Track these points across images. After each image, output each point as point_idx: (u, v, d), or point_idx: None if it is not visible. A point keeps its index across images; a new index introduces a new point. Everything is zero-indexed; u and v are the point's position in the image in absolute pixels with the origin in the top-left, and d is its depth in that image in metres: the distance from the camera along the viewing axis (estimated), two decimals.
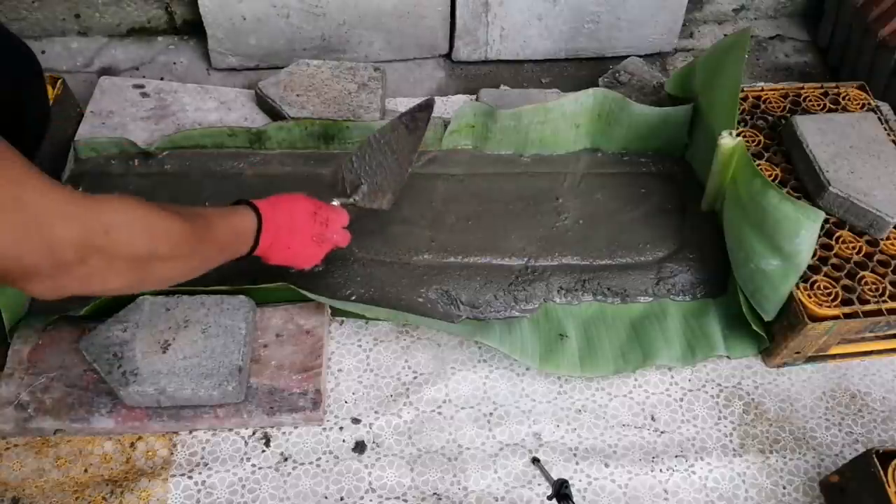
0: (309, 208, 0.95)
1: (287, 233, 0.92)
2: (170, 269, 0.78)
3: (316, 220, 0.95)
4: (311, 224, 0.94)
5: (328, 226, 0.97)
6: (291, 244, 0.93)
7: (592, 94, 1.21)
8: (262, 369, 0.99)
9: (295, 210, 0.93)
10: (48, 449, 0.95)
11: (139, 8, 1.44)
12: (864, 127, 1.09)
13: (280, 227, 0.91)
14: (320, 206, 0.97)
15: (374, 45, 1.43)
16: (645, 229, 1.17)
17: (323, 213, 0.96)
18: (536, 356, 1.02)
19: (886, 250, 1.03)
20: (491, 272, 1.11)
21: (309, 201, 0.96)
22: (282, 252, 0.93)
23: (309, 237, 0.95)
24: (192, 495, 0.92)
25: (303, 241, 0.94)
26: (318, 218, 0.95)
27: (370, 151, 1.08)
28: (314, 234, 0.95)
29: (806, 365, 1.06)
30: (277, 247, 0.91)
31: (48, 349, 0.98)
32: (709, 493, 0.94)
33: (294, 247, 0.93)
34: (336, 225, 0.98)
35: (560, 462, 0.96)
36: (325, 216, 0.96)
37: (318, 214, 0.95)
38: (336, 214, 0.99)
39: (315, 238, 0.95)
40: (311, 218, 0.95)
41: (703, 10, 1.58)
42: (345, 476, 0.94)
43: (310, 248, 0.96)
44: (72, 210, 0.66)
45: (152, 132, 1.25)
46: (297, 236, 0.93)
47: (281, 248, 0.92)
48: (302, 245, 0.94)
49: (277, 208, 0.91)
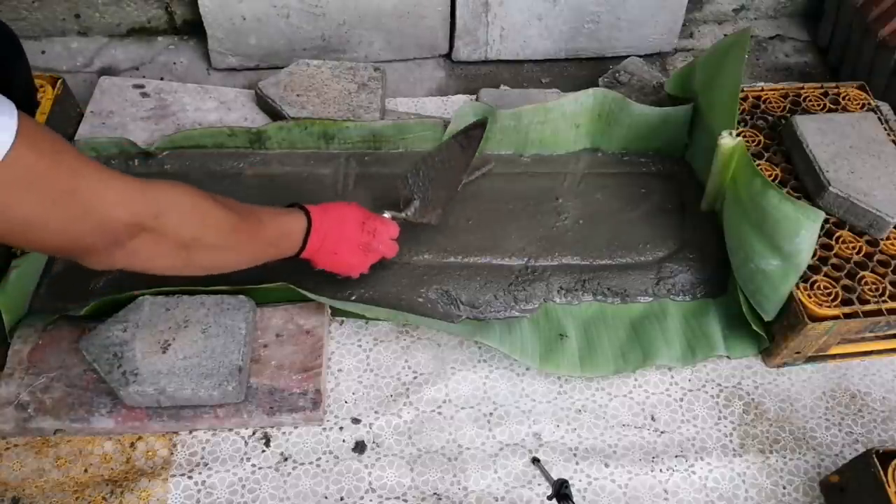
0: (358, 217, 0.98)
1: (335, 239, 0.95)
2: (215, 258, 0.83)
3: (364, 230, 0.98)
4: (360, 233, 0.98)
5: (375, 236, 0.99)
6: (338, 250, 0.96)
7: (592, 94, 1.21)
8: (262, 369, 0.99)
9: (345, 218, 0.97)
10: (48, 449, 0.95)
11: (139, 8, 1.44)
12: (864, 127, 1.09)
13: (329, 232, 0.94)
14: (370, 216, 1.00)
15: (374, 45, 1.43)
16: (645, 229, 1.17)
17: (371, 223, 0.99)
18: (536, 356, 1.02)
19: (886, 250, 1.03)
20: (491, 272, 1.11)
21: (359, 210, 0.99)
22: (328, 257, 0.96)
23: (356, 245, 0.98)
24: (192, 495, 0.92)
25: (350, 248, 0.97)
26: (366, 227, 0.98)
27: (424, 168, 1.12)
28: (361, 243, 0.98)
29: (806, 365, 1.06)
30: (324, 251, 0.95)
31: (48, 349, 0.98)
32: (709, 493, 0.94)
33: (341, 253, 0.97)
34: (384, 236, 1.01)
35: (560, 462, 0.96)
36: (373, 226, 0.99)
37: (366, 224, 0.98)
38: (385, 226, 1.02)
39: (362, 247, 0.98)
40: (360, 227, 0.98)
41: (703, 10, 1.58)
42: (345, 476, 0.94)
43: (356, 257, 0.99)
44: (123, 197, 0.70)
45: (152, 132, 1.25)
46: (344, 244, 0.96)
47: (328, 253, 0.95)
48: (349, 252, 0.98)
49: (327, 214, 0.95)
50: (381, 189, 1.19)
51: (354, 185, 1.20)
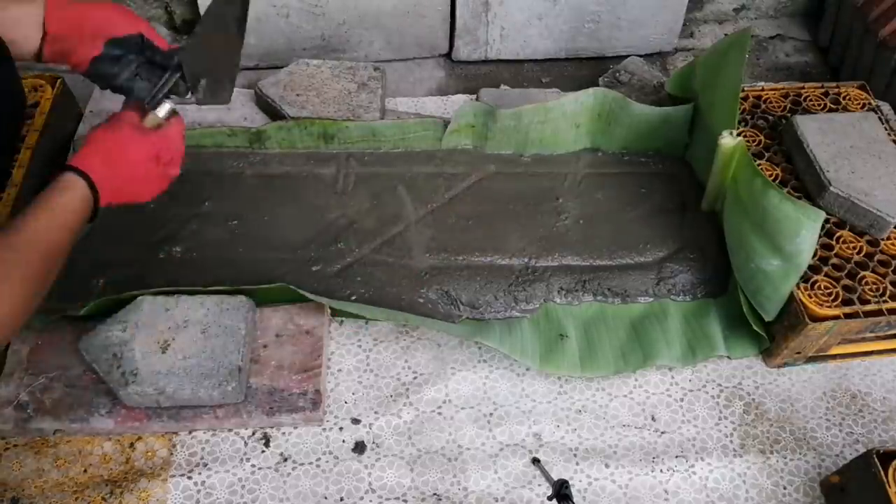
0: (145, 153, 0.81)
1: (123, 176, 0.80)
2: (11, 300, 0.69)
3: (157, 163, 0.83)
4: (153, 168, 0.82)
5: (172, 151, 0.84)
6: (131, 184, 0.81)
7: (593, 93, 1.21)
8: (261, 369, 0.98)
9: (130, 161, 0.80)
10: (48, 449, 0.94)
11: (139, 8, 1.43)
12: (864, 127, 1.09)
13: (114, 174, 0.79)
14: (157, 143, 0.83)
15: (373, 45, 1.43)
16: (645, 229, 1.17)
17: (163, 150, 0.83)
18: (536, 356, 1.02)
19: (887, 250, 1.03)
20: (491, 272, 1.11)
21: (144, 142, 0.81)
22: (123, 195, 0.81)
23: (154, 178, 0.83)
24: (191, 496, 0.91)
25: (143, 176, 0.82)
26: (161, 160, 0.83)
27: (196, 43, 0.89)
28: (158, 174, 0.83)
29: (806, 365, 1.06)
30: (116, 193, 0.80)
31: (48, 349, 0.98)
32: (709, 493, 0.94)
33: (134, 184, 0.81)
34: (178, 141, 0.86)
35: (560, 462, 0.96)
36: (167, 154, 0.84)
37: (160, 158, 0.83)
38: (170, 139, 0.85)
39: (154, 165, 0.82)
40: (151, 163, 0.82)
41: (704, 10, 1.58)
42: (345, 476, 0.94)
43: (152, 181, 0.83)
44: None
45: None
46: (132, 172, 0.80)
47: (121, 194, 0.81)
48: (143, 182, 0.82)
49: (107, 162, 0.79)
50: (381, 188, 1.19)
51: (354, 184, 1.20)
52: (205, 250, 1.11)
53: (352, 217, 1.16)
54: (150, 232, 1.12)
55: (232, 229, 1.13)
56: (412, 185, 1.20)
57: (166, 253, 1.10)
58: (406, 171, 1.22)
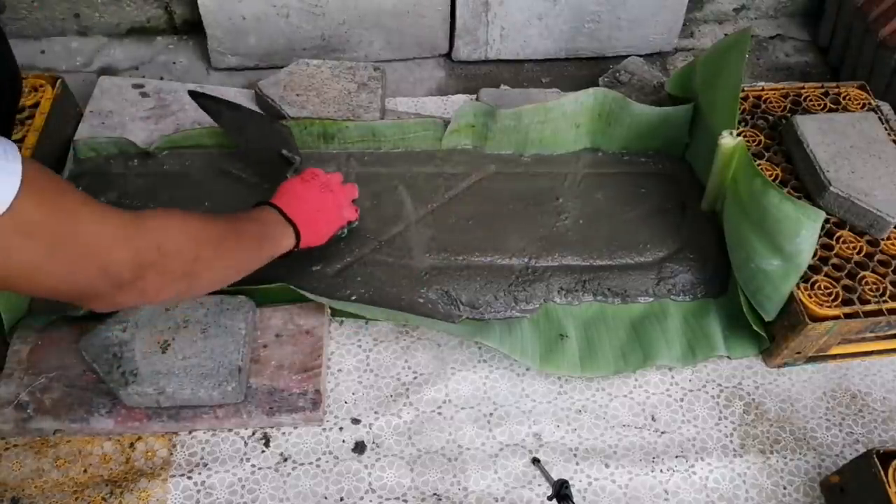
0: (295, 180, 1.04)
1: (306, 206, 0.99)
2: (215, 274, 0.82)
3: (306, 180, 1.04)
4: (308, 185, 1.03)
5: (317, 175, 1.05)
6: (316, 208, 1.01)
7: (593, 93, 1.21)
8: (261, 369, 0.98)
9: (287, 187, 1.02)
10: (48, 449, 0.94)
11: (139, 7, 1.43)
12: (864, 127, 1.09)
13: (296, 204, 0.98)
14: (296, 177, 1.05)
15: (374, 45, 1.43)
16: (645, 229, 1.17)
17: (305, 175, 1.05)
18: (536, 356, 1.02)
19: (887, 250, 1.03)
20: (491, 272, 1.11)
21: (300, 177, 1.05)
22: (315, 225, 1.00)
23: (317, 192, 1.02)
24: (191, 496, 0.91)
25: (321, 203, 1.02)
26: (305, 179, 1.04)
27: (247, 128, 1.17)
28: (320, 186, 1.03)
29: (806, 365, 1.06)
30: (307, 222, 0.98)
31: (48, 349, 0.98)
32: (709, 493, 0.94)
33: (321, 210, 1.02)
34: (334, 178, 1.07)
35: (560, 462, 0.96)
36: (309, 174, 1.05)
37: (304, 179, 1.04)
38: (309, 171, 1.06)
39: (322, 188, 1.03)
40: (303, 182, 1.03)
41: (704, 10, 1.58)
42: (345, 476, 0.94)
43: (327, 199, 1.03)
44: (123, 234, 0.69)
45: (152, 132, 1.25)
46: (313, 202, 1.01)
47: (311, 222, 0.99)
48: (324, 208, 1.02)
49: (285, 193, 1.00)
50: (381, 188, 1.19)
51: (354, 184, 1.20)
52: None
53: None
54: None
55: None
56: (412, 185, 1.20)
57: None
58: (406, 171, 1.22)
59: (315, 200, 1.01)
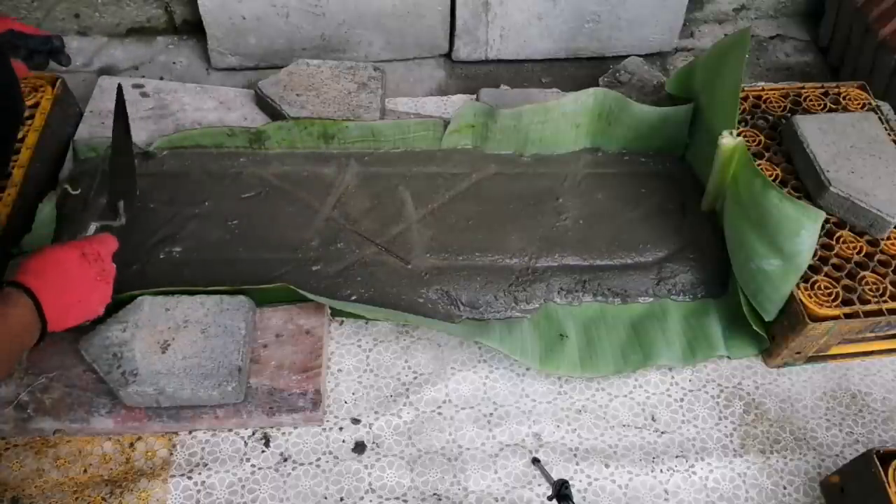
0: (75, 253, 0.86)
1: (69, 290, 0.84)
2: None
3: (88, 260, 0.87)
4: (87, 267, 0.86)
5: (103, 258, 0.89)
6: (78, 298, 0.85)
7: (593, 93, 1.21)
8: (261, 369, 0.98)
9: (61, 262, 0.84)
10: (48, 449, 0.94)
11: (139, 8, 1.43)
12: (864, 127, 1.09)
13: (59, 290, 0.82)
14: (82, 243, 0.89)
15: (373, 45, 1.43)
16: (645, 229, 1.17)
17: (90, 248, 0.88)
18: (537, 356, 1.02)
19: (887, 250, 1.03)
20: (491, 272, 1.11)
21: (71, 246, 0.87)
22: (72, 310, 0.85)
23: (91, 281, 0.87)
24: (191, 496, 0.91)
25: (86, 287, 0.86)
26: (88, 257, 0.87)
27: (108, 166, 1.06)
28: (94, 275, 0.87)
29: (806, 365, 1.06)
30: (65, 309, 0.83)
31: (48, 349, 0.98)
32: (709, 493, 0.94)
33: (82, 299, 0.86)
34: (108, 252, 0.91)
35: (560, 462, 0.96)
36: (94, 251, 0.88)
37: (87, 254, 0.87)
38: (103, 244, 0.91)
39: (97, 277, 0.87)
40: (83, 260, 0.86)
41: (704, 10, 1.58)
42: (345, 476, 0.94)
43: (97, 290, 0.88)
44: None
45: (152, 132, 1.25)
46: (78, 287, 0.85)
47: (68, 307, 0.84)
48: (88, 291, 0.86)
49: (45, 275, 0.82)
50: (381, 188, 1.19)
51: (354, 184, 1.20)
52: (205, 250, 1.11)
53: (352, 217, 1.16)
54: (150, 232, 1.12)
55: (232, 229, 1.13)
56: (412, 185, 1.20)
57: (166, 253, 1.10)
58: (406, 171, 1.22)
59: (86, 291, 0.86)
